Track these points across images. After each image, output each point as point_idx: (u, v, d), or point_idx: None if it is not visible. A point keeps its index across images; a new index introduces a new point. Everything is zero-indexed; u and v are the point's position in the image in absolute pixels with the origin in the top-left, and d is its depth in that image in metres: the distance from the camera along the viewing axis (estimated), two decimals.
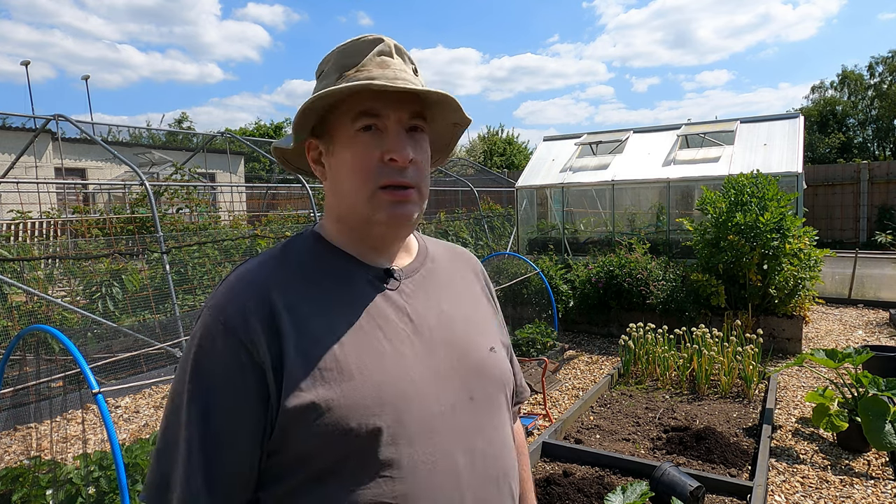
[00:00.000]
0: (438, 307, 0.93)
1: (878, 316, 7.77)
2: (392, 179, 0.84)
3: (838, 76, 31.63)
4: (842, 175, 13.87)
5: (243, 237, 7.76)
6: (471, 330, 0.95)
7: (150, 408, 5.09)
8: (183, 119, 33.66)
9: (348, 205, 0.87)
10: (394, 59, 0.88)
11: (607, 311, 7.08)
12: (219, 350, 0.78)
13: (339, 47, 0.89)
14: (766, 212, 5.92)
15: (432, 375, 0.85)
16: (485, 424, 0.89)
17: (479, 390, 0.90)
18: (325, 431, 0.76)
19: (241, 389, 0.77)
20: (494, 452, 0.89)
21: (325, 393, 0.77)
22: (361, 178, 0.84)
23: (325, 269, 0.89)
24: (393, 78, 0.84)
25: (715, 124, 8.82)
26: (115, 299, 5.78)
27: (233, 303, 0.80)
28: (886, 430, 3.47)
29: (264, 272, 0.85)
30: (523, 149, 29.35)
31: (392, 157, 0.83)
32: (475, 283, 1.06)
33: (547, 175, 9.10)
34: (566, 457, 3.58)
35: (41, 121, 8.06)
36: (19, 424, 4.66)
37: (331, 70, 0.89)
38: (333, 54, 0.90)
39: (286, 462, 0.78)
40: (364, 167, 0.84)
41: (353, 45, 0.88)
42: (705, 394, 4.79)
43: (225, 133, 11.73)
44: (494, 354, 0.95)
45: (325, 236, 0.93)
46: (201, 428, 0.76)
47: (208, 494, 0.76)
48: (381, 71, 0.85)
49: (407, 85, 0.82)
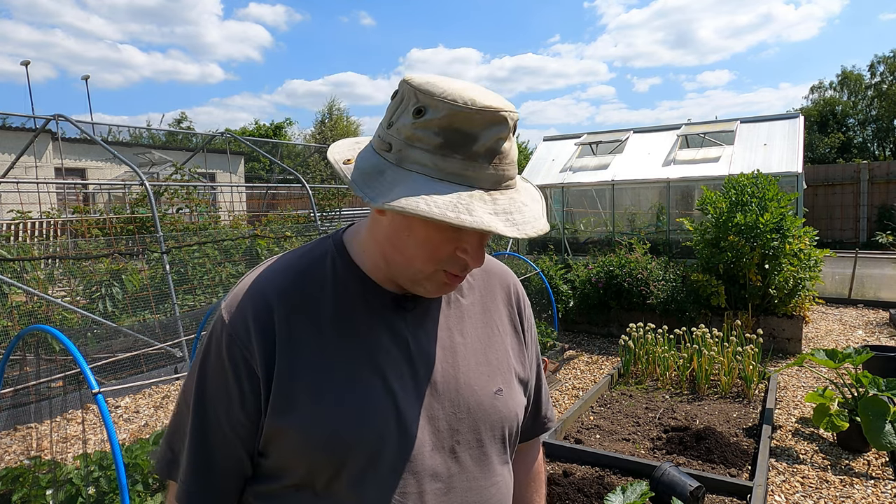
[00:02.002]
0: (446, 341, 0.90)
1: (878, 316, 7.77)
2: (457, 271, 0.83)
3: (838, 76, 31.66)
4: (842, 175, 13.88)
5: (243, 237, 7.75)
6: (479, 368, 0.91)
7: (150, 408, 5.09)
8: (182, 119, 33.67)
9: (402, 263, 0.83)
10: (509, 151, 0.77)
11: (607, 311, 7.08)
12: (222, 355, 0.82)
13: (450, 99, 0.72)
14: (766, 212, 5.92)
15: (419, 416, 0.84)
16: (469, 470, 0.87)
17: (469, 435, 0.88)
18: (297, 452, 0.81)
19: (236, 398, 0.82)
20: (475, 499, 0.87)
21: (301, 418, 0.80)
22: (429, 258, 0.80)
23: (338, 287, 0.87)
24: (508, 209, 0.74)
25: (715, 124, 8.83)
26: (115, 299, 5.78)
27: (240, 310, 0.84)
28: (886, 430, 3.47)
29: (277, 281, 0.86)
30: (523, 149, 29.39)
31: (468, 261, 0.81)
32: (502, 309, 1.00)
33: (547, 175, 9.10)
34: (566, 457, 3.58)
35: (41, 121, 8.07)
36: (19, 424, 4.66)
37: (432, 132, 0.73)
38: (439, 102, 0.72)
39: (270, 467, 0.84)
40: (436, 252, 0.80)
41: (466, 112, 0.72)
42: (705, 394, 4.79)
43: (225, 133, 11.74)
44: (500, 398, 0.92)
45: (349, 250, 0.90)
46: (203, 430, 0.84)
47: (204, 481, 0.84)
48: (493, 173, 0.75)
49: (530, 231, 0.74)
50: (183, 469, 0.85)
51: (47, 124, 7.87)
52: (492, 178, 0.75)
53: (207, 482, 0.84)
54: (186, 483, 0.84)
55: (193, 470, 0.84)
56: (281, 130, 31.14)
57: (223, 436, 0.83)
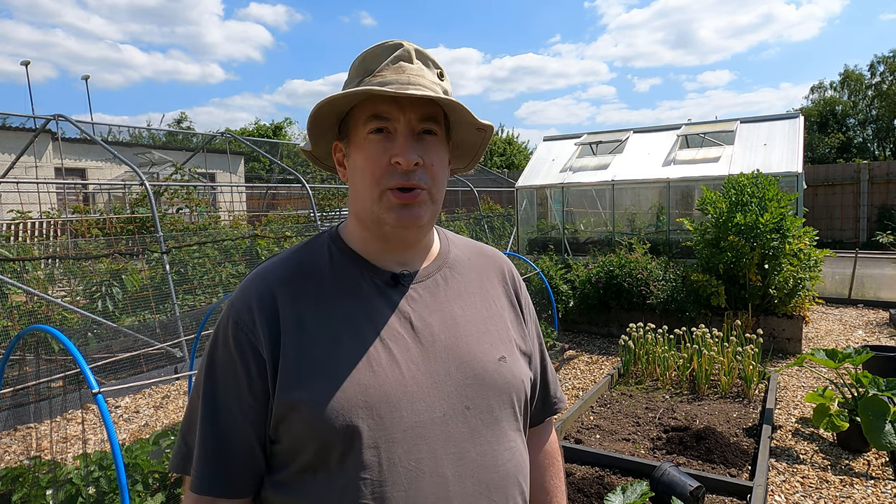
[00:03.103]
0: (447, 313, 0.93)
1: (878, 316, 7.77)
2: (399, 182, 0.86)
3: (840, 76, 31.65)
4: (842, 175, 13.87)
5: (243, 237, 7.75)
6: (480, 338, 0.94)
7: (150, 408, 5.09)
8: (182, 119, 33.64)
9: (362, 205, 0.90)
10: (412, 64, 0.89)
11: (607, 311, 7.08)
12: (229, 344, 0.86)
13: (363, 53, 0.92)
14: (766, 212, 5.92)
15: (428, 383, 0.86)
16: (482, 434, 0.88)
17: (478, 400, 0.89)
18: (308, 428, 0.81)
19: (244, 382, 0.84)
20: (490, 463, 0.88)
21: (311, 392, 0.82)
22: (371, 180, 0.87)
23: (336, 270, 0.92)
24: (406, 83, 0.85)
25: (715, 124, 8.82)
26: (115, 299, 5.78)
27: (243, 299, 0.88)
28: (886, 430, 3.47)
29: (278, 271, 0.91)
30: (523, 149, 29.39)
31: (397, 161, 0.85)
32: (498, 287, 1.04)
33: (547, 175, 9.10)
34: (566, 457, 3.58)
35: (41, 121, 8.06)
36: (19, 424, 4.66)
37: (352, 76, 0.92)
38: (357, 60, 0.92)
39: (282, 452, 0.85)
40: (373, 169, 0.87)
41: (374, 50, 0.91)
42: (705, 394, 4.79)
43: (225, 133, 11.74)
44: (504, 364, 0.94)
45: (343, 237, 0.96)
46: (213, 416, 0.86)
47: (215, 466, 0.85)
48: (396, 76, 0.86)
49: (412, 90, 0.83)
50: (195, 457, 0.86)
51: (47, 124, 7.87)
52: (394, 82, 0.85)
53: (218, 468, 0.85)
54: (198, 469, 0.85)
55: (204, 455, 0.85)
56: (281, 130, 31.13)
57: (233, 421, 0.84)
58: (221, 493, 0.85)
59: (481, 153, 1.03)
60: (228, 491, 0.85)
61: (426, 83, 0.87)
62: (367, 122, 0.87)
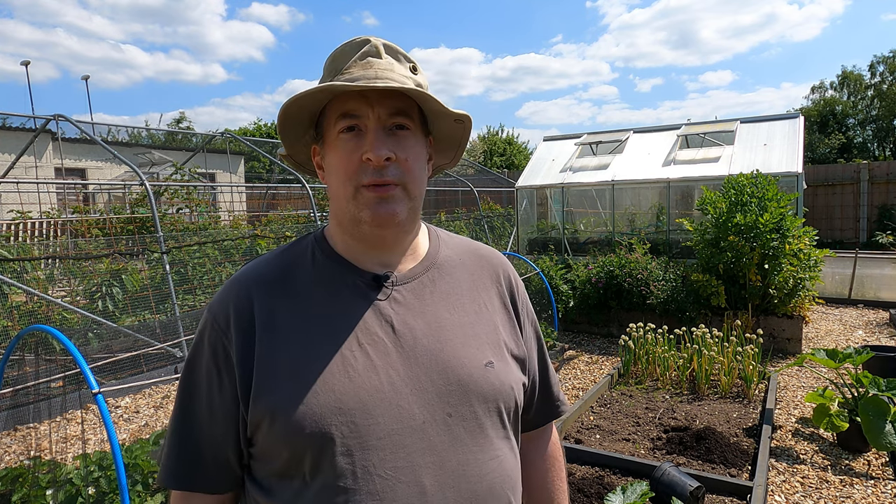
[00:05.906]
0: (431, 316, 0.90)
1: (878, 316, 7.77)
2: (371, 179, 0.85)
3: (838, 76, 31.64)
4: (842, 175, 13.87)
5: (243, 237, 7.75)
6: (466, 342, 0.90)
7: (150, 408, 5.09)
8: (182, 119, 33.63)
9: (339, 206, 0.89)
10: (381, 59, 0.87)
11: (607, 311, 7.08)
12: (205, 347, 0.86)
13: (332, 52, 0.91)
14: (765, 212, 5.92)
15: (407, 388, 0.83)
16: (464, 443, 0.85)
17: (461, 407, 0.86)
18: (280, 434, 0.80)
19: (215, 384, 0.85)
20: (473, 473, 0.84)
21: (282, 396, 0.81)
22: (345, 178, 0.86)
23: (317, 272, 0.90)
24: (373, 78, 0.84)
25: (715, 124, 8.82)
26: (115, 299, 5.78)
27: (222, 302, 0.88)
28: (886, 430, 3.47)
29: (257, 272, 0.91)
30: (523, 149, 29.37)
31: (367, 157, 0.84)
32: (491, 288, 1.00)
33: (547, 175, 9.10)
34: (566, 457, 3.57)
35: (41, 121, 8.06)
36: (19, 424, 4.66)
37: (324, 76, 0.91)
38: (328, 60, 0.91)
39: (258, 455, 0.85)
40: (346, 168, 0.85)
41: (343, 48, 0.90)
42: (705, 394, 4.79)
43: (225, 133, 11.73)
44: (491, 370, 0.90)
45: (327, 238, 0.95)
46: (182, 414, 0.87)
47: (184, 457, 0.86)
48: (363, 72, 0.85)
49: (376, 83, 0.82)
50: (163, 451, 0.87)
51: (47, 124, 7.87)
52: (361, 78, 0.84)
53: (179, 462, 0.86)
54: (163, 462, 0.87)
55: (173, 445, 0.87)
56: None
57: (204, 419, 0.85)
58: (178, 485, 0.86)
59: (464, 145, 1.01)
60: (190, 485, 0.86)
61: (396, 77, 0.85)
62: (338, 121, 0.86)
